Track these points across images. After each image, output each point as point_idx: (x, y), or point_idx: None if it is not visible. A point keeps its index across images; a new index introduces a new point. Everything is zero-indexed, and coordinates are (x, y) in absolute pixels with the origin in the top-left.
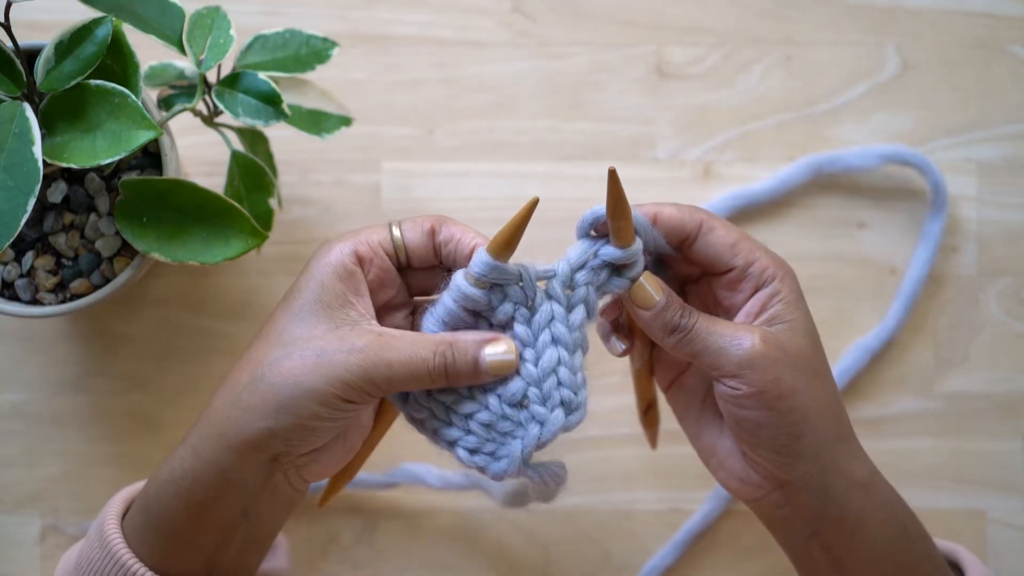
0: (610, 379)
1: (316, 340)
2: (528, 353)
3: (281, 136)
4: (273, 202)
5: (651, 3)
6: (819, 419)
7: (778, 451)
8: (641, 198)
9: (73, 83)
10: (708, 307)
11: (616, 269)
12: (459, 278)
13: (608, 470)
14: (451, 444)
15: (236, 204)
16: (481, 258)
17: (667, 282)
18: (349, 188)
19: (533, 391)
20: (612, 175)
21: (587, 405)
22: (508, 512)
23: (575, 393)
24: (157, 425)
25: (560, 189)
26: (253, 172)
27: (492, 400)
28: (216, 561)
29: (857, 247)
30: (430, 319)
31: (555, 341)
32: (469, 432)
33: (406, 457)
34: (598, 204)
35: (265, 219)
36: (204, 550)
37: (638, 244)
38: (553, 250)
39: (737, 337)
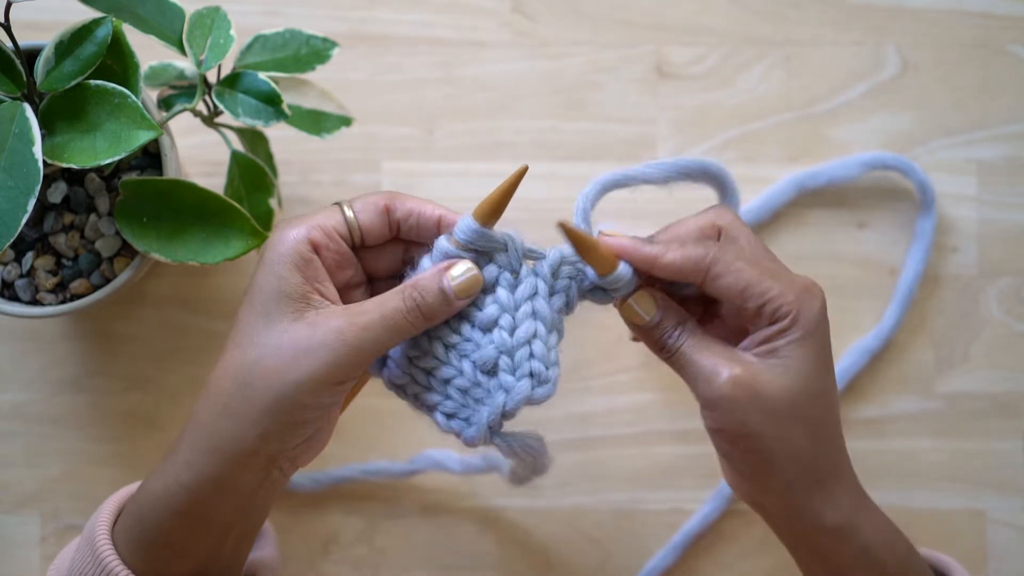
0: (610, 379)
1: (288, 334)
2: (505, 320)
3: (281, 136)
4: (273, 202)
5: (651, 3)
6: (787, 464)
7: (748, 479)
8: (641, 198)
9: (73, 83)
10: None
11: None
12: (443, 243)
13: (608, 470)
14: (431, 409)
15: (236, 204)
16: (468, 224)
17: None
18: (349, 188)
19: (504, 359)
20: (563, 228)
21: (558, 383)
22: (508, 512)
23: (546, 368)
24: (157, 425)
25: (560, 189)
26: (253, 172)
27: (467, 366)
28: (211, 562)
29: (857, 247)
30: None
31: (535, 314)
32: (448, 397)
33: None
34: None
35: (265, 219)
36: (200, 555)
37: (622, 270)
38: None
39: (715, 371)
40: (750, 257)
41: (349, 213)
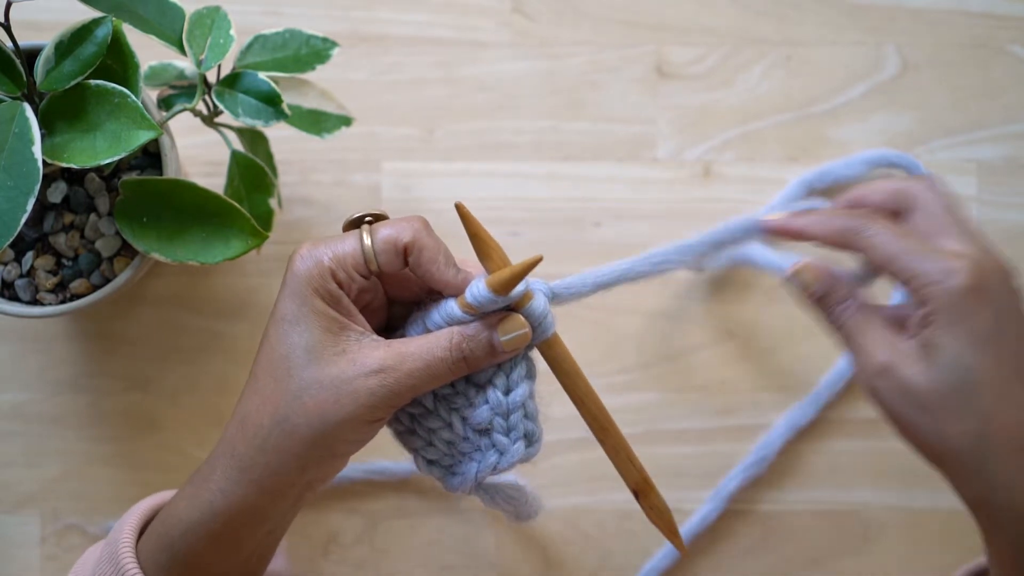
0: (611, 379)
1: (330, 368)
2: (499, 381)
3: (281, 136)
4: (273, 202)
5: (651, 3)
6: (948, 458)
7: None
8: (641, 198)
9: (73, 83)
10: None
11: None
12: (452, 306)
13: (608, 470)
14: (413, 451)
15: (236, 204)
16: (481, 291)
17: None
18: (349, 188)
19: (499, 421)
20: (459, 211)
21: (543, 435)
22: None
23: (537, 426)
24: (157, 425)
25: (560, 189)
26: (253, 172)
27: (456, 421)
28: None
29: None
30: (419, 327)
31: (528, 373)
32: (431, 444)
33: None
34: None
35: (265, 219)
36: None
37: (534, 305)
38: (554, 249)
39: (867, 356)
40: (908, 230)
41: (368, 243)
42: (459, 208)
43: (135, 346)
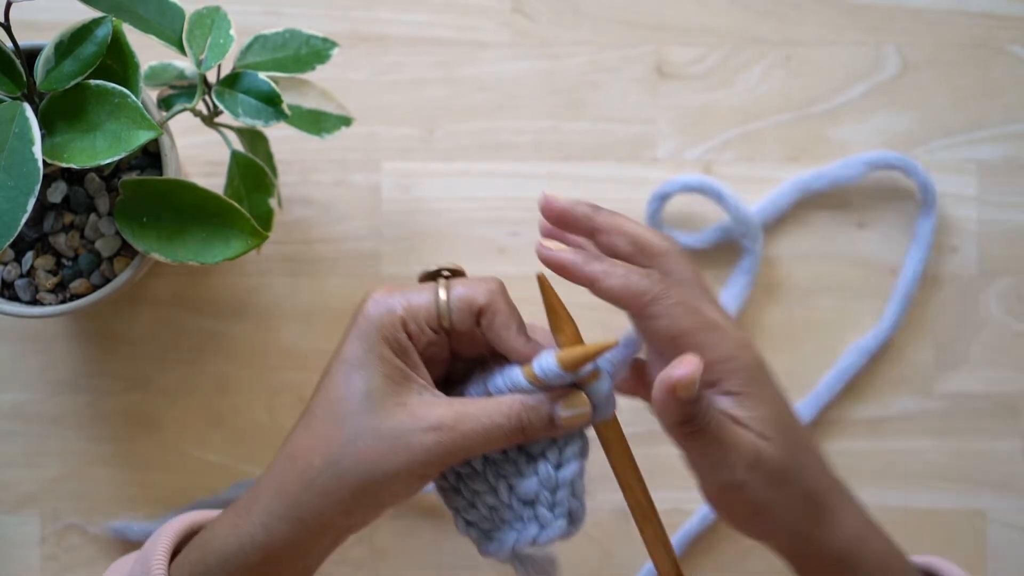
0: None
1: (387, 419)
2: (552, 454)
3: (281, 136)
4: (273, 202)
5: (651, 3)
6: (787, 516)
7: (746, 528)
8: (641, 198)
9: (73, 83)
10: None
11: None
12: (518, 374)
13: (608, 470)
14: (455, 509)
15: (236, 204)
16: (550, 366)
17: None
18: (349, 188)
19: (545, 494)
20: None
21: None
22: None
23: (582, 506)
24: (157, 425)
25: (560, 189)
26: (253, 172)
27: (503, 488)
28: None
29: (857, 247)
30: (479, 388)
31: (581, 452)
32: (473, 506)
33: None
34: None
35: (265, 219)
36: None
37: (599, 386)
38: None
39: (747, 447)
40: (691, 303)
41: (443, 299)
42: (541, 280)
43: (135, 346)
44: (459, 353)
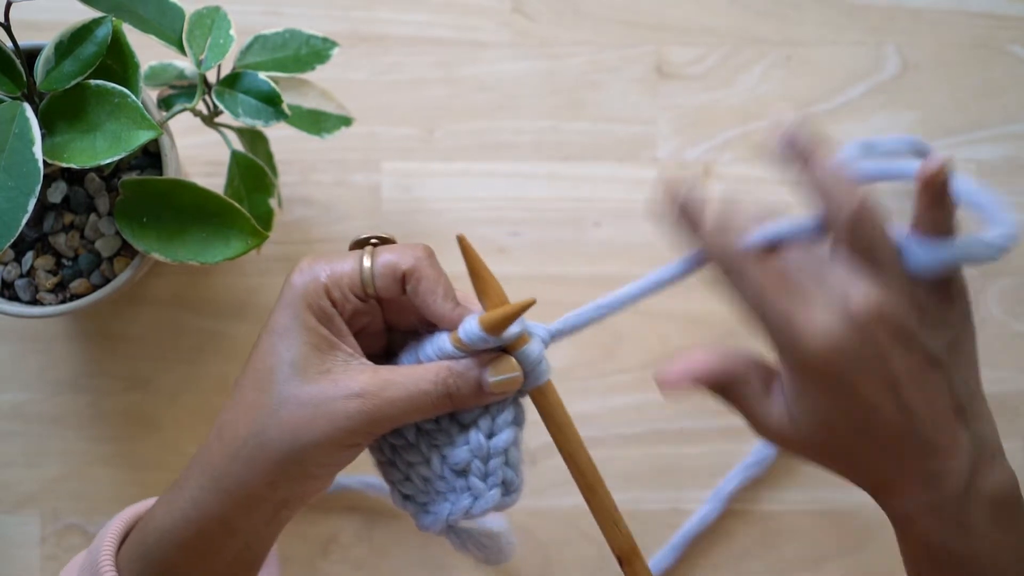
0: (611, 379)
1: (311, 386)
2: (484, 423)
3: (281, 136)
4: (273, 202)
5: (651, 3)
6: (860, 478)
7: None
8: (641, 198)
9: (73, 83)
10: None
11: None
12: (444, 341)
13: (608, 470)
14: (391, 483)
15: (236, 204)
16: (473, 330)
17: None
18: (349, 188)
19: (477, 464)
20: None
21: (524, 485)
22: (508, 512)
23: (517, 476)
24: (157, 425)
25: (560, 189)
26: (253, 172)
27: (435, 458)
28: None
29: None
30: (410, 357)
31: (515, 420)
32: (408, 479)
33: None
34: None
35: (265, 219)
36: None
37: (529, 348)
38: (554, 249)
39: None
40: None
41: (367, 265)
42: (460, 241)
43: (135, 346)
44: (394, 325)
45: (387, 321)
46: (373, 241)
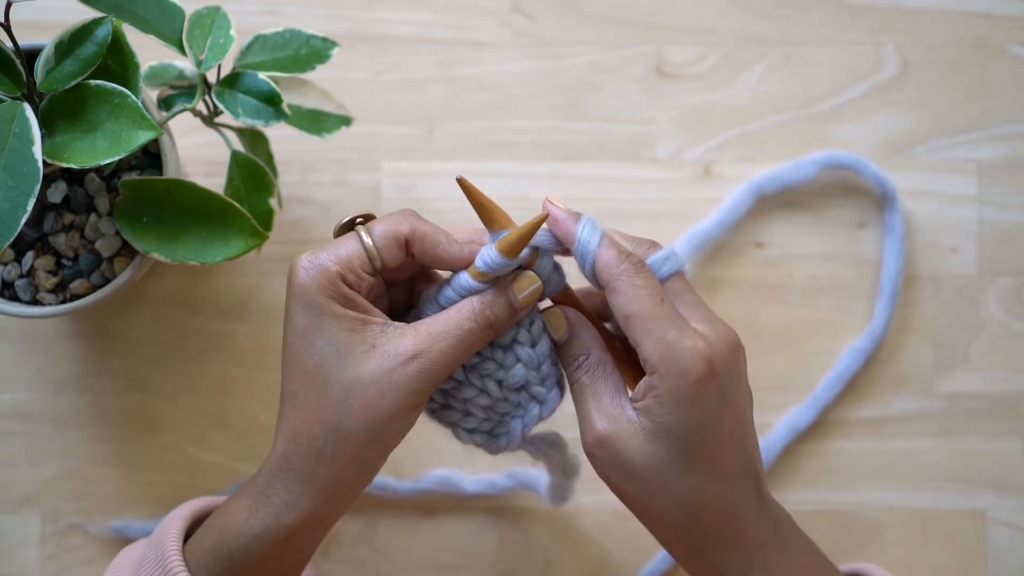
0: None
1: (366, 366)
2: (523, 337)
3: (281, 136)
4: (273, 202)
5: (651, 3)
6: (665, 530)
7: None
8: (641, 198)
9: (73, 83)
10: None
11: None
12: (465, 278)
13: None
14: (451, 424)
15: (236, 204)
16: (492, 257)
17: None
18: (349, 188)
19: (532, 374)
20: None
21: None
22: (508, 512)
23: (559, 369)
24: (157, 425)
25: (560, 189)
26: (253, 172)
27: (491, 385)
28: None
29: (857, 247)
30: (433, 306)
31: (545, 328)
32: (468, 414)
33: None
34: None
35: (265, 219)
36: None
37: (540, 264)
38: None
39: (587, 422)
40: (659, 295)
41: (369, 242)
42: (461, 181)
43: (135, 346)
44: (392, 281)
45: (387, 281)
46: (359, 220)
